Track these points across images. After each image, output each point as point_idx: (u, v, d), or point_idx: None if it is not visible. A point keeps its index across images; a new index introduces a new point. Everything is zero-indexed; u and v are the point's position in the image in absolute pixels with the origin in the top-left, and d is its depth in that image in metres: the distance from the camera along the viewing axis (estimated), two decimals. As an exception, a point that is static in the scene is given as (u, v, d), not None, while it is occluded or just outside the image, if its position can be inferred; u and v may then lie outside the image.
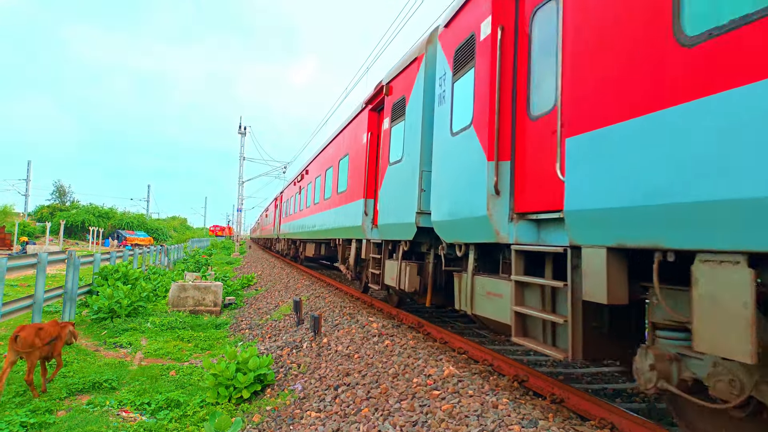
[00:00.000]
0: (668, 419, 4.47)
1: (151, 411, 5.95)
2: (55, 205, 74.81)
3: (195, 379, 7.15)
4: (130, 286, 12.31)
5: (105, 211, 74.41)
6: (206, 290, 12.79)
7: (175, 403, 6.13)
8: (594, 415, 3.94)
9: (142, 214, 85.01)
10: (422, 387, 4.92)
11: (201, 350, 9.09)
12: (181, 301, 12.54)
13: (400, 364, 5.73)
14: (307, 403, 5.55)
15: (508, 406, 4.14)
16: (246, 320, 11.71)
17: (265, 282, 18.27)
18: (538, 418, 3.88)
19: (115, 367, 7.73)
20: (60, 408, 6.00)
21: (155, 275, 17.39)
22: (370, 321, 8.12)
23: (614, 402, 4.42)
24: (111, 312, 11.05)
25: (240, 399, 6.20)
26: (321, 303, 10.98)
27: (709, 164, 2.66)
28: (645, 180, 3.09)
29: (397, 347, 6.41)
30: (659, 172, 2.98)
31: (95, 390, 6.66)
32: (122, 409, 6.01)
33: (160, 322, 10.79)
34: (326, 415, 5.00)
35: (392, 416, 4.46)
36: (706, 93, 2.71)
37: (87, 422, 5.52)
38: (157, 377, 7.24)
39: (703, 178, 2.69)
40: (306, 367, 6.80)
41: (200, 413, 5.81)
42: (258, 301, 14.23)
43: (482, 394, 4.48)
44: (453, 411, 4.22)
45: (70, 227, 64.50)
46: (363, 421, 4.54)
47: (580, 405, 4.14)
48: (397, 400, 4.79)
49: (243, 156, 50.76)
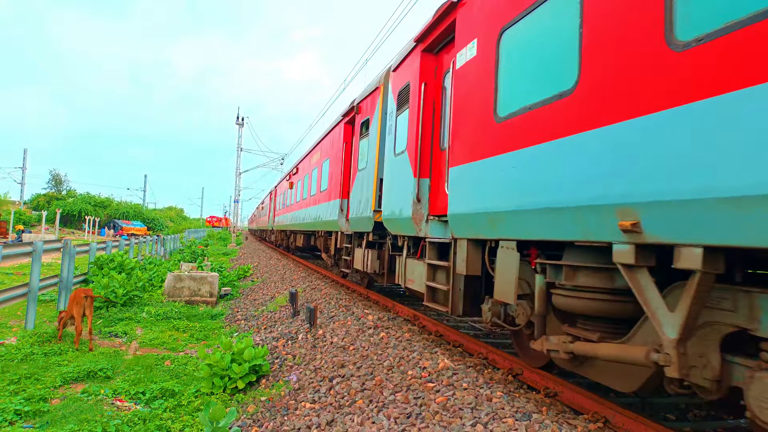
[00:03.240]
0: (661, 414, 4.50)
1: (145, 400, 5.95)
2: (51, 194, 74.54)
3: (190, 369, 7.15)
4: (126, 275, 12.29)
5: (101, 200, 74.18)
6: (202, 281, 12.78)
7: (170, 393, 6.13)
8: (587, 409, 3.96)
9: (138, 204, 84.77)
10: (417, 379, 4.93)
11: (196, 340, 9.09)
12: (176, 292, 12.53)
13: (395, 357, 5.74)
14: (301, 393, 5.56)
15: (502, 399, 4.16)
16: (242, 311, 11.71)
17: (262, 273, 18.27)
18: (532, 411, 3.90)
19: (110, 356, 7.72)
20: (54, 396, 6.00)
21: (151, 265, 17.36)
22: (365, 313, 8.13)
23: (607, 396, 4.44)
24: (106, 301, 11.04)
25: (235, 389, 6.21)
26: (317, 295, 10.99)
27: (493, 193, 4.71)
28: (477, 197, 4.98)
29: (393, 339, 6.42)
30: (483, 193, 4.88)
31: (90, 379, 6.66)
32: (117, 398, 6.01)
33: (155, 311, 10.78)
34: (321, 406, 5.01)
35: (386, 408, 4.47)
36: (506, 150, 4.52)
37: (81, 411, 5.52)
38: (152, 367, 7.24)
39: (490, 201, 4.74)
40: (301, 359, 6.81)
41: (195, 403, 5.82)
42: (254, 292, 14.23)
43: (476, 387, 4.50)
44: (447, 403, 4.23)
45: (66, 216, 64.30)
46: (357, 413, 4.55)
47: (573, 399, 4.16)
48: (391, 392, 4.80)
49: (240, 147, 50.62)
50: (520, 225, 4.30)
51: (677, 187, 2.78)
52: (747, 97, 2.44)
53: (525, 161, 4.20)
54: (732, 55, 2.53)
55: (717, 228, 2.60)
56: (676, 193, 2.79)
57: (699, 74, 2.70)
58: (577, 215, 3.59)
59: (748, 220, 2.43)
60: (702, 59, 2.69)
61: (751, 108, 2.42)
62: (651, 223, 2.98)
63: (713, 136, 2.60)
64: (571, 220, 3.66)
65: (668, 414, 4.54)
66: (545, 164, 3.94)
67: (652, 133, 2.97)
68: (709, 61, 2.65)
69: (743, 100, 2.45)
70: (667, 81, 2.89)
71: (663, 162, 2.88)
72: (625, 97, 3.19)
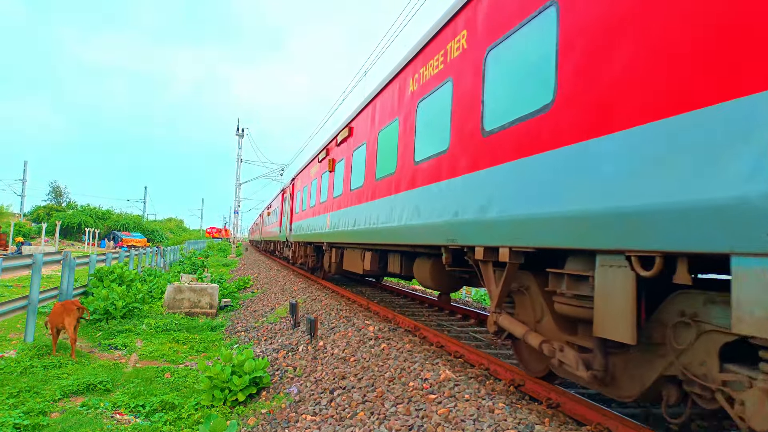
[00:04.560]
0: (663, 424, 4.47)
1: (145, 413, 5.92)
2: (51, 206, 74.50)
3: (190, 382, 7.11)
4: (126, 287, 12.26)
5: (102, 212, 74.12)
6: (202, 292, 12.75)
7: (170, 406, 6.10)
8: (590, 420, 3.93)
9: (138, 216, 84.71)
10: (418, 391, 4.91)
11: (196, 352, 9.05)
12: (176, 303, 12.49)
13: (396, 368, 5.71)
14: (302, 406, 5.53)
15: (504, 411, 4.14)
16: (242, 323, 11.67)
17: (262, 284, 18.23)
18: (534, 422, 3.88)
19: (110, 368, 7.68)
20: (54, 410, 5.96)
21: (151, 277, 17.33)
22: (366, 324, 8.10)
23: (610, 407, 4.41)
24: (106, 313, 11.00)
25: (235, 402, 6.17)
26: (317, 306, 10.96)
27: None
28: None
29: (394, 351, 6.39)
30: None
31: (89, 392, 6.62)
32: (116, 411, 5.97)
33: (155, 323, 10.74)
34: (321, 419, 4.98)
35: (388, 420, 4.45)
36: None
37: (81, 424, 5.48)
38: (151, 379, 7.21)
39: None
40: (302, 370, 6.78)
41: (195, 416, 5.78)
42: (254, 303, 14.19)
43: (478, 398, 4.48)
44: (449, 415, 4.21)
45: (66, 228, 64.23)
46: (359, 425, 4.52)
47: (576, 410, 4.14)
48: (393, 403, 4.78)
49: (240, 158, 50.73)
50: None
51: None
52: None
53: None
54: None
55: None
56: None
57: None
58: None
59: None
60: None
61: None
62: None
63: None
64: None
65: (671, 424, 4.51)
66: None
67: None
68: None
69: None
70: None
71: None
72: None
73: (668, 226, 2.82)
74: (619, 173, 3.20)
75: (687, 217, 2.70)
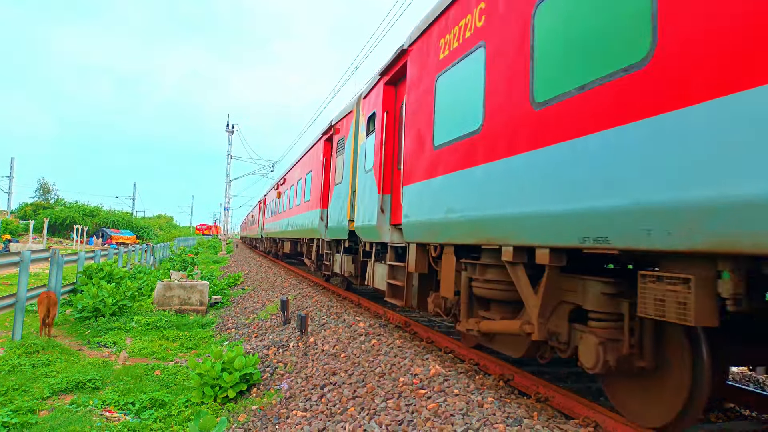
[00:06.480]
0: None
1: (135, 411, 5.90)
2: (39, 203, 73.65)
3: (180, 379, 7.09)
4: (115, 284, 12.17)
5: (90, 209, 73.34)
6: (192, 289, 12.70)
7: (160, 403, 6.08)
8: (578, 414, 3.98)
9: (128, 213, 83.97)
10: (408, 386, 4.93)
11: (186, 350, 9.02)
12: (166, 300, 12.44)
13: (386, 364, 5.74)
14: (293, 402, 5.54)
15: (494, 405, 4.17)
16: (232, 319, 11.64)
17: (252, 281, 18.18)
18: (523, 416, 3.92)
19: (99, 366, 7.64)
20: (42, 408, 5.92)
21: (140, 274, 17.22)
22: (357, 320, 8.12)
23: (598, 400, 4.46)
24: (95, 311, 10.92)
25: (225, 398, 6.17)
26: (308, 302, 10.96)
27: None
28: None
29: (384, 346, 6.42)
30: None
31: (79, 390, 6.59)
32: (106, 408, 5.95)
33: (145, 321, 10.69)
34: (312, 415, 5.00)
35: (378, 415, 4.47)
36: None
37: (70, 422, 5.45)
38: (141, 377, 7.18)
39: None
40: (292, 367, 6.79)
41: (185, 413, 5.78)
42: (245, 300, 14.16)
43: (468, 393, 4.51)
44: (439, 410, 4.24)
45: (55, 225, 63.60)
46: (349, 420, 4.54)
47: (564, 404, 4.18)
48: (383, 399, 4.80)
49: (230, 154, 50.49)
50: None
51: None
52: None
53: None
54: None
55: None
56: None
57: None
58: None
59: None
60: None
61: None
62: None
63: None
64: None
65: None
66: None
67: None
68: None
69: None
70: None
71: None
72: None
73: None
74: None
75: None
